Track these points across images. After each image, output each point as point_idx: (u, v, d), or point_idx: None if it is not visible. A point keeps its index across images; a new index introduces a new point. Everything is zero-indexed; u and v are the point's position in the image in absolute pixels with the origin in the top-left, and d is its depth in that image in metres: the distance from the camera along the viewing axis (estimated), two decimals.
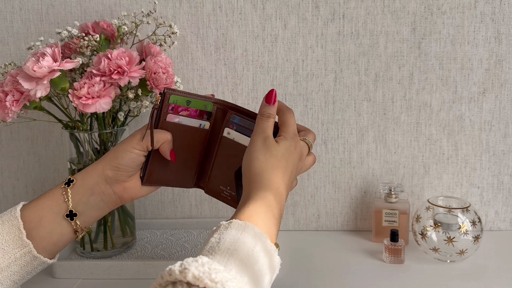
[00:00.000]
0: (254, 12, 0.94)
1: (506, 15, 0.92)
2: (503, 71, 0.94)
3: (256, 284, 0.48)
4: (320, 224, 1.02)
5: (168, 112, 0.69)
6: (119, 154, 0.67)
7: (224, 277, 0.44)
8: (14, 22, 0.97)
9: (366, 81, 0.96)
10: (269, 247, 0.54)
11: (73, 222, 0.66)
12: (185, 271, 0.43)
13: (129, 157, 0.67)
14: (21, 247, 0.62)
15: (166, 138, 0.69)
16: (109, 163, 0.67)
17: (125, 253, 0.89)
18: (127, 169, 0.68)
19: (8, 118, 0.74)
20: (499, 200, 0.98)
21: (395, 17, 0.93)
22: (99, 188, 0.67)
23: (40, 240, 0.63)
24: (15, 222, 0.62)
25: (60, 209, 0.65)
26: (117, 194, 0.69)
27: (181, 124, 0.70)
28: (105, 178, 0.67)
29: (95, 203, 0.67)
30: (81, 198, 0.66)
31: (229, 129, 0.72)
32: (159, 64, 0.78)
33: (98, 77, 0.74)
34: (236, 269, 0.47)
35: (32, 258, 0.63)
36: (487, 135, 0.96)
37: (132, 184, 0.70)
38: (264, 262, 0.52)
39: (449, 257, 0.85)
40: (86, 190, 0.66)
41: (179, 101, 0.69)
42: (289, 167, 0.63)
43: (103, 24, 0.84)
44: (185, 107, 0.70)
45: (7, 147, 1.02)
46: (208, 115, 0.72)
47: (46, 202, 0.65)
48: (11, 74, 0.76)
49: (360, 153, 0.98)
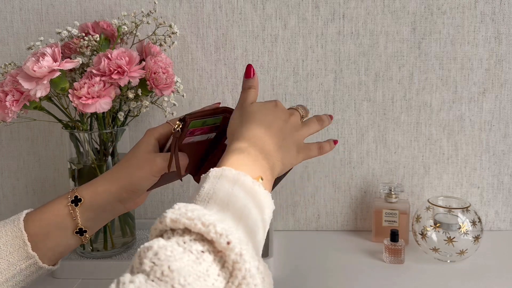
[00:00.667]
0: (254, 12, 0.94)
1: (506, 15, 0.92)
2: (503, 71, 0.94)
3: (240, 219, 0.47)
4: (320, 224, 1.02)
5: (186, 136, 0.68)
6: (138, 181, 0.66)
7: (201, 213, 0.43)
8: (14, 22, 0.97)
9: (366, 81, 0.96)
10: (249, 182, 0.52)
11: (83, 237, 0.66)
12: (163, 219, 0.44)
13: (149, 184, 0.67)
14: (26, 259, 0.61)
15: (186, 163, 0.69)
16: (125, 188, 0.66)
17: (125, 253, 0.89)
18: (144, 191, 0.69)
19: (8, 118, 0.74)
20: (499, 200, 0.98)
21: (395, 17, 0.93)
22: (110, 206, 0.67)
23: (45, 252, 0.63)
24: (19, 234, 0.61)
25: (69, 226, 0.64)
26: (127, 208, 0.70)
27: (194, 142, 0.70)
28: (120, 198, 0.66)
29: (104, 217, 0.68)
30: (89, 215, 0.65)
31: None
32: (159, 64, 0.78)
33: (98, 77, 0.74)
34: (217, 208, 0.47)
35: (37, 268, 0.63)
36: (487, 135, 0.96)
37: (142, 198, 0.72)
38: (247, 197, 0.50)
39: (449, 257, 0.85)
40: (97, 209, 0.66)
41: (196, 124, 0.68)
42: (267, 120, 0.61)
43: (103, 24, 0.84)
44: (200, 128, 0.69)
45: (7, 147, 1.02)
46: (216, 127, 0.72)
47: (52, 218, 0.64)
48: (11, 74, 0.76)
49: (360, 153, 0.98)
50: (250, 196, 0.50)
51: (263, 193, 0.53)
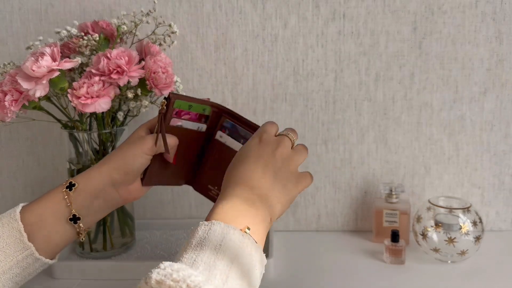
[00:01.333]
0: (254, 12, 0.94)
1: (507, 15, 0.92)
2: (504, 71, 0.94)
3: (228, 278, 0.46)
4: (321, 224, 1.01)
5: (173, 117, 0.70)
6: (129, 160, 0.67)
7: (187, 274, 0.43)
8: (13, 22, 0.97)
9: (367, 81, 0.95)
10: (238, 237, 0.50)
11: (77, 225, 0.65)
12: (148, 279, 0.43)
13: (140, 162, 0.68)
14: (22, 249, 0.61)
15: (175, 144, 0.70)
16: (117, 168, 0.67)
17: (124, 254, 0.89)
18: (136, 173, 0.69)
19: (7, 118, 0.74)
20: (500, 200, 0.98)
21: (395, 17, 0.93)
22: (104, 192, 0.67)
23: (41, 242, 0.63)
24: (15, 225, 0.62)
25: (63, 213, 0.65)
26: (122, 197, 0.69)
27: (182, 127, 0.72)
28: (112, 182, 0.67)
29: (98, 206, 0.67)
30: (83, 202, 0.66)
31: (221, 133, 0.74)
32: (158, 63, 0.78)
33: (97, 77, 0.74)
34: (203, 266, 0.46)
35: (34, 260, 0.63)
36: (488, 135, 0.96)
37: (136, 186, 0.71)
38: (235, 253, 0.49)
39: (450, 258, 0.85)
40: (90, 194, 0.66)
41: (182, 105, 0.70)
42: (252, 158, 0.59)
43: (102, 24, 0.84)
44: (187, 111, 0.71)
45: (6, 147, 1.01)
46: (205, 118, 0.73)
47: (47, 205, 0.65)
48: (10, 73, 0.76)
49: (361, 153, 0.98)
50: (240, 252, 0.49)
51: (253, 247, 0.51)
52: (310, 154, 0.98)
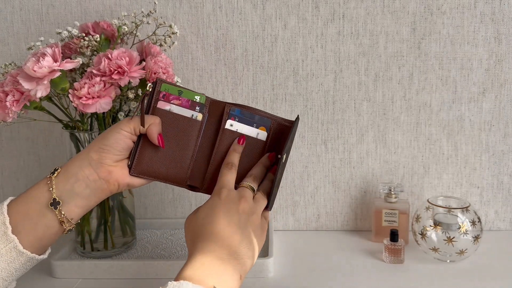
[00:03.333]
0: (254, 12, 0.94)
1: (505, 15, 0.92)
2: (502, 71, 0.94)
3: None
4: (320, 224, 1.02)
5: (160, 99, 0.69)
6: (105, 135, 0.66)
7: None
8: (14, 22, 0.97)
9: (366, 81, 0.96)
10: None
11: (57, 211, 0.63)
12: None
13: (115, 137, 0.66)
14: (6, 242, 0.60)
15: (154, 120, 0.67)
16: (94, 145, 0.66)
17: (125, 253, 0.89)
18: (111, 150, 0.66)
19: (9, 118, 0.74)
20: (498, 200, 0.99)
21: (395, 17, 0.93)
22: (82, 172, 0.65)
23: (25, 234, 0.62)
24: (1, 218, 0.61)
25: (45, 199, 0.63)
26: (103, 179, 0.66)
27: (172, 112, 0.69)
28: (89, 161, 0.65)
29: (79, 190, 0.65)
30: (65, 186, 0.64)
31: (231, 121, 0.71)
32: (159, 64, 0.78)
33: (98, 77, 0.75)
34: None
35: (17, 253, 0.61)
36: (487, 135, 0.96)
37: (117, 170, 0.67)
38: None
39: (449, 257, 0.85)
40: (70, 177, 0.65)
41: (171, 90, 0.69)
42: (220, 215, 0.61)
43: (103, 24, 0.84)
44: (177, 96, 0.70)
45: (7, 147, 1.02)
46: (200, 106, 0.70)
47: (32, 193, 0.64)
48: (12, 74, 0.76)
49: (360, 153, 0.98)
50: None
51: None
52: (310, 154, 0.98)
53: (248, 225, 0.62)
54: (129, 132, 0.66)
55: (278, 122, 0.72)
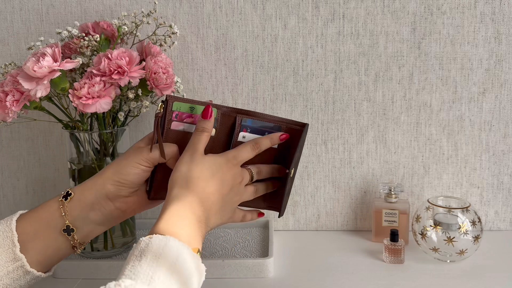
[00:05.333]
0: (254, 12, 0.94)
1: (506, 15, 0.92)
2: (503, 71, 0.94)
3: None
4: (320, 224, 1.02)
5: (173, 120, 0.67)
6: (123, 169, 0.65)
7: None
8: (14, 22, 0.97)
9: (366, 81, 0.96)
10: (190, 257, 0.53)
11: (71, 237, 0.63)
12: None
13: (134, 172, 0.65)
14: (13, 260, 0.60)
15: (174, 151, 0.66)
16: (111, 178, 0.65)
17: (125, 253, 0.89)
18: (130, 184, 0.66)
19: (9, 118, 0.74)
20: (499, 200, 0.99)
21: (395, 17, 0.93)
22: (99, 203, 0.64)
23: (34, 254, 0.61)
24: (9, 234, 0.60)
25: (57, 223, 0.63)
26: (119, 210, 0.66)
27: (186, 131, 0.68)
28: (106, 193, 0.64)
29: (95, 218, 0.65)
30: (79, 214, 0.64)
31: (243, 133, 0.70)
32: (159, 64, 0.78)
33: (98, 77, 0.74)
34: (160, 285, 0.47)
35: (24, 272, 0.61)
36: (487, 135, 0.96)
37: (135, 199, 0.68)
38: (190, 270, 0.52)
39: (449, 257, 0.85)
40: (85, 206, 0.64)
41: (182, 107, 0.67)
42: (217, 181, 0.62)
43: (103, 24, 0.84)
44: (189, 114, 0.68)
45: (7, 147, 1.02)
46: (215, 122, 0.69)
47: (43, 215, 0.63)
48: (11, 74, 0.76)
49: (360, 153, 0.98)
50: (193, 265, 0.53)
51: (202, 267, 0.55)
52: (310, 154, 0.98)
53: (230, 199, 0.64)
54: (147, 166, 0.66)
55: (288, 127, 0.72)
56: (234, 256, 0.88)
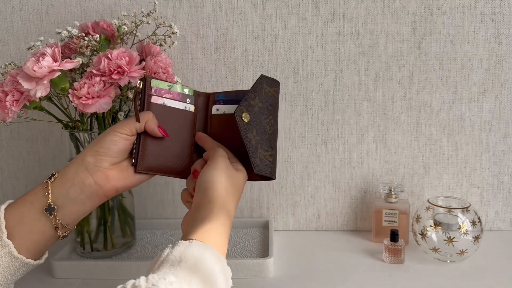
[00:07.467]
0: (254, 12, 0.94)
1: (506, 15, 0.92)
2: (503, 71, 0.94)
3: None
4: (320, 224, 1.02)
5: (152, 95, 0.72)
6: (100, 138, 0.66)
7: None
8: (14, 22, 0.97)
9: (366, 81, 0.96)
10: (226, 269, 0.57)
11: (52, 217, 0.63)
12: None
13: (112, 139, 0.66)
14: (1, 247, 0.60)
15: (148, 115, 0.69)
16: (90, 149, 0.66)
17: (125, 253, 0.89)
18: (107, 152, 0.65)
19: (8, 118, 0.74)
20: (499, 200, 0.98)
21: (395, 17, 0.93)
22: (78, 177, 0.64)
23: (21, 239, 0.61)
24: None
25: (41, 204, 0.63)
26: (98, 184, 0.65)
27: (167, 106, 0.72)
28: (86, 165, 0.65)
29: (75, 195, 0.64)
30: (60, 191, 0.64)
31: (217, 106, 0.76)
32: (159, 64, 0.78)
33: (98, 77, 0.74)
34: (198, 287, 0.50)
35: (12, 258, 0.60)
36: (487, 135, 0.96)
37: (114, 174, 0.67)
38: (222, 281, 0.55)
39: (449, 257, 0.85)
40: (66, 182, 0.64)
41: (160, 85, 0.73)
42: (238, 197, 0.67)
43: (103, 24, 0.84)
44: (167, 90, 0.73)
45: (7, 147, 1.02)
46: (190, 98, 0.75)
47: (28, 198, 0.64)
48: (11, 74, 0.76)
49: (360, 153, 0.98)
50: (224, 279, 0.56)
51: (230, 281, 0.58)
52: (310, 154, 0.98)
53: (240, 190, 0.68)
54: (125, 133, 0.67)
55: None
56: (234, 256, 0.88)
